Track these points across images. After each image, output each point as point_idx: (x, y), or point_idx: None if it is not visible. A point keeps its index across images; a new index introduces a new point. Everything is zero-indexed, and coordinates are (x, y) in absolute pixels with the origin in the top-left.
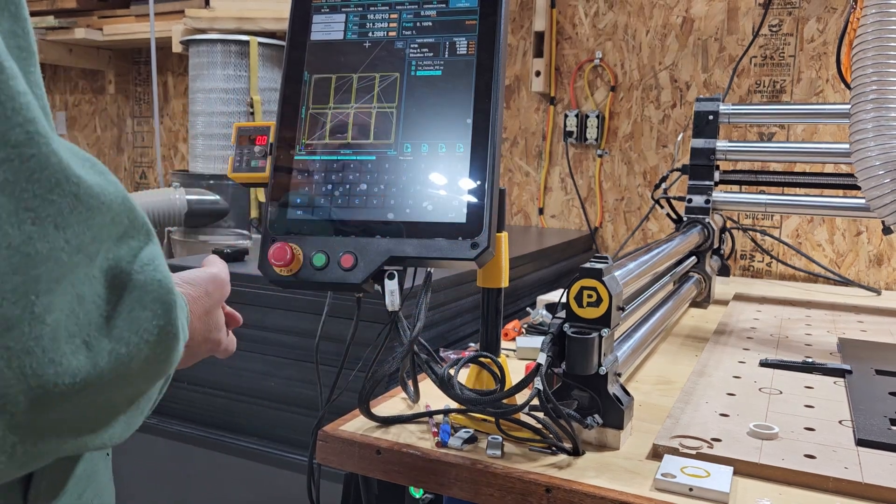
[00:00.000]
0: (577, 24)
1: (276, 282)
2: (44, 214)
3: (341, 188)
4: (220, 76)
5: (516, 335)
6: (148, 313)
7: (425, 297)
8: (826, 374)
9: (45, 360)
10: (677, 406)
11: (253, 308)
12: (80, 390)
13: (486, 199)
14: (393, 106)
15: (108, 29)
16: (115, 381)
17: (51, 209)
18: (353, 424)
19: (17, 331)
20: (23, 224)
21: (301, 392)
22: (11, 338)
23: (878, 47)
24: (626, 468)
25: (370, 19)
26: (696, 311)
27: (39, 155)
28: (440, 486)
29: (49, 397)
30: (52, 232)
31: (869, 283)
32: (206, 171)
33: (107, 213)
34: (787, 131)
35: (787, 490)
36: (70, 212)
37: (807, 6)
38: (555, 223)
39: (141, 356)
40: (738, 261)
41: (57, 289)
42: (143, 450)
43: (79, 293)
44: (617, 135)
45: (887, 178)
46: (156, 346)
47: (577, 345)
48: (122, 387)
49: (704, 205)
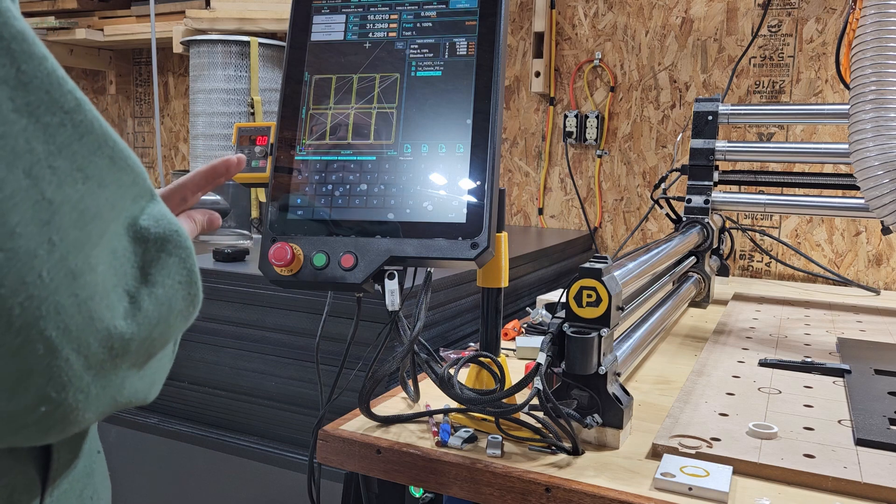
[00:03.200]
0: (576, 25)
1: (277, 282)
2: (91, 174)
3: (341, 188)
4: (220, 77)
5: (516, 335)
6: (175, 259)
7: (425, 297)
8: (825, 374)
9: (103, 305)
10: (676, 406)
11: (253, 308)
12: (136, 332)
13: (486, 199)
14: (393, 106)
15: (109, 29)
16: (159, 322)
17: (95, 169)
18: (354, 424)
19: (82, 280)
20: (76, 183)
21: (301, 392)
22: (79, 286)
23: (877, 48)
24: (625, 467)
25: (370, 20)
26: (695, 311)
27: (86, 120)
28: (440, 486)
29: (111, 339)
30: (96, 190)
31: (868, 283)
32: None
33: (130, 173)
34: (787, 131)
35: (786, 489)
36: (108, 172)
37: (806, 7)
38: (554, 223)
39: (177, 297)
40: (738, 261)
41: (100, 243)
42: (144, 450)
43: (113, 248)
44: (616, 135)
45: (886, 178)
46: (188, 286)
47: (577, 344)
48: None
49: (703, 205)
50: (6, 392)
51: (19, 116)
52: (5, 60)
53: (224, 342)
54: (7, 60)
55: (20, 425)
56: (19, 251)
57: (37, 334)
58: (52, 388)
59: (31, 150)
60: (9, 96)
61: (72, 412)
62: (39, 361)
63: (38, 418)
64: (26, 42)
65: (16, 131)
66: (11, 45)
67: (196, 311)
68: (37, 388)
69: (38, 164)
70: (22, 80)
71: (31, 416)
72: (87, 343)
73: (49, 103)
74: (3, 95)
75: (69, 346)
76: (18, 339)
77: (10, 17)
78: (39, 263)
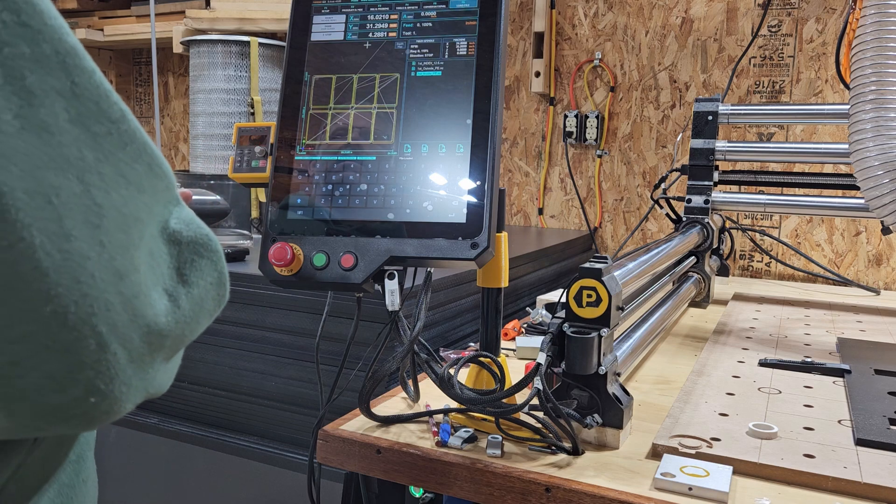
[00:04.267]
0: (576, 25)
1: (277, 282)
2: (132, 180)
3: (341, 188)
4: (220, 77)
5: (516, 335)
6: (207, 261)
7: (425, 297)
8: (825, 374)
9: (146, 303)
10: (676, 405)
11: (253, 308)
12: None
13: (486, 199)
14: (393, 106)
15: (109, 29)
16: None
17: (136, 176)
18: (354, 424)
19: (128, 280)
20: (120, 188)
21: (301, 392)
22: (125, 285)
23: (877, 48)
24: (625, 467)
25: (370, 20)
26: (695, 311)
27: (129, 130)
28: (440, 486)
29: (151, 335)
30: (136, 195)
31: (868, 283)
32: (207, 172)
33: (164, 179)
34: (787, 131)
35: (786, 489)
36: (146, 178)
37: (806, 7)
38: (554, 223)
39: (209, 297)
40: (738, 261)
41: (140, 245)
42: (144, 450)
43: (150, 249)
44: (616, 135)
45: (886, 178)
46: (219, 287)
47: (577, 344)
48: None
49: (703, 205)
50: (58, 385)
51: (73, 126)
52: (61, 74)
53: (224, 342)
54: (63, 74)
55: (69, 416)
56: (74, 253)
57: (89, 330)
58: (101, 381)
59: (82, 158)
60: (64, 107)
61: (115, 403)
62: (91, 356)
63: (87, 409)
64: (78, 56)
65: (69, 140)
66: (66, 59)
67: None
68: (87, 380)
69: (89, 170)
70: (75, 92)
71: (80, 407)
72: (132, 338)
73: (98, 114)
74: (59, 106)
75: (117, 341)
76: (73, 335)
77: (63, 33)
78: (91, 264)
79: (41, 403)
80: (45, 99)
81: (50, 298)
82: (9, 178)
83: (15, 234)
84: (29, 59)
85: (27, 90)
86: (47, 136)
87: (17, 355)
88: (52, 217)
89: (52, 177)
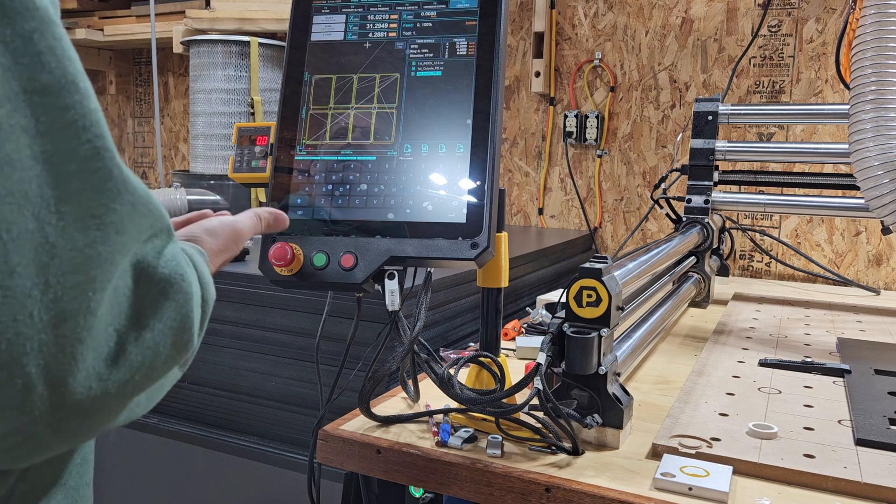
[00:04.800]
0: (576, 25)
1: (277, 282)
2: (107, 221)
3: (341, 188)
4: (220, 77)
5: (516, 335)
6: (171, 303)
7: (425, 297)
8: (825, 374)
9: (89, 349)
10: (676, 406)
11: (253, 308)
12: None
13: (486, 199)
14: (393, 106)
15: (109, 29)
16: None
17: (114, 216)
18: (354, 424)
19: (72, 322)
20: (87, 230)
21: (301, 392)
22: (67, 328)
23: (877, 48)
24: (625, 467)
25: (370, 20)
26: (695, 311)
27: (104, 168)
28: (440, 486)
29: (90, 380)
30: (112, 236)
31: (868, 283)
32: (207, 172)
33: (149, 216)
34: (787, 131)
35: (786, 489)
36: (128, 218)
37: (806, 7)
38: (554, 223)
39: (167, 342)
40: (738, 261)
41: (106, 286)
42: (144, 450)
43: (116, 286)
44: (616, 135)
45: (886, 178)
46: (180, 332)
47: (577, 344)
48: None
49: (703, 205)
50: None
51: (35, 163)
52: (27, 111)
53: (224, 342)
54: (28, 111)
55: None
56: (16, 290)
57: (18, 370)
58: (24, 421)
59: (41, 195)
60: (27, 143)
61: (40, 445)
62: (15, 396)
63: (9, 447)
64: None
65: (30, 177)
66: (34, 98)
67: (188, 355)
68: (10, 419)
69: (47, 209)
70: (40, 130)
71: (2, 443)
72: (64, 382)
73: (65, 152)
74: (23, 143)
75: (44, 383)
76: (1, 374)
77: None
78: (32, 303)
79: None
80: (11, 134)
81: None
82: None
83: None
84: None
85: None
86: (9, 171)
87: None
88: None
89: (6, 212)
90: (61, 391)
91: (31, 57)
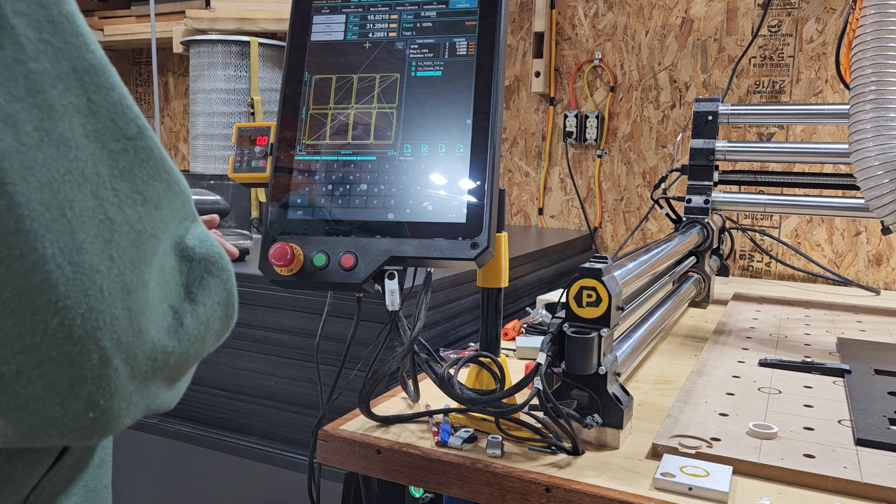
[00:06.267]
0: (576, 25)
1: (277, 282)
2: (149, 197)
3: (342, 188)
4: (220, 77)
5: (516, 335)
6: (216, 280)
7: (425, 297)
8: (825, 374)
9: (151, 320)
10: (676, 405)
11: (253, 308)
12: (176, 347)
13: (486, 199)
14: (393, 106)
15: (109, 29)
16: (197, 339)
17: (153, 193)
18: (354, 424)
19: (135, 295)
20: (135, 205)
21: (301, 392)
22: (132, 301)
23: (877, 48)
24: (625, 467)
25: (370, 20)
26: (695, 311)
27: (147, 147)
28: (440, 486)
29: (155, 352)
30: (153, 212)
31: (868, 283)
32: (207, 172)
33: (182, 195)
34: (787, 131)
35: (786, 490)
36: (164, 195)
37: (806, 7)
38: (554, 223)
39: (216, 316)
40: (738, 261)
41: (153, 261)
42: (144, 450)
43: (161, 265)
44: (616, 135)
45: (886, 178)
46: (227, 307)
47: (577, 344)
48: (201, 344)
49: (703, 205)
50: (59, 398)
51: (88, 141)
52: (78, 91)
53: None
54: (80, 91)
55: (68, 429)
56: (84, 266)
57: (93, 344)
58: (101, 396)
59: (97, 173)
60: (80, 123)
61: (113, 418)
62: (93, 370)
63: (85, 423)
64: (96, 74)
65: (85, 155)
66: (84, 77)
67: (229, 332)
68: (88, 395)
69: (104, 186)
70: (91, 109)
71: (78, 420)
72: (135, 355)
73: (114, 130)
74: (76, 122)
75: (120, 356)
76: (77, 349)
77: (83, 50)
78: (101, 278)
79: (42, 414)
80: (65, 114)
81: (58, 310)
82: (26, 189)
83: (28, 244)
84: (50, 75)
85: (48, 104)
86: (65, 150)
87: (22, 365)
88: (65, 229)
89: (67, 190)
90: (131, 364)
91: (77, 37)
